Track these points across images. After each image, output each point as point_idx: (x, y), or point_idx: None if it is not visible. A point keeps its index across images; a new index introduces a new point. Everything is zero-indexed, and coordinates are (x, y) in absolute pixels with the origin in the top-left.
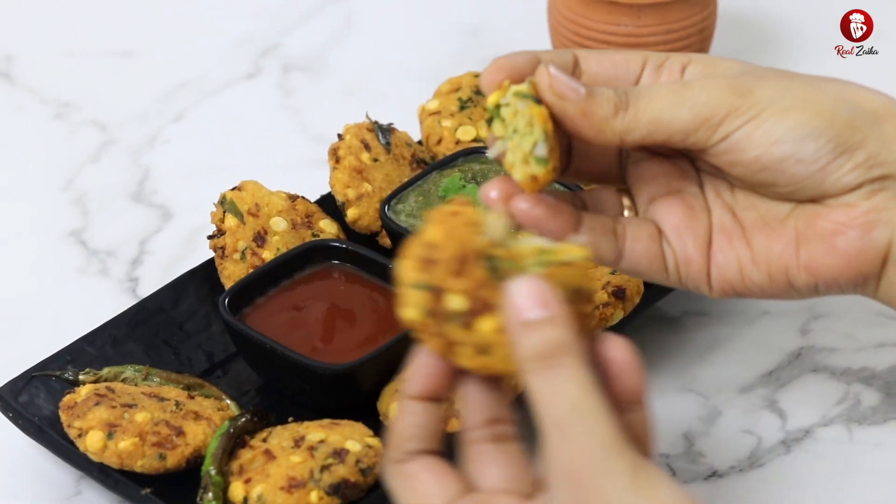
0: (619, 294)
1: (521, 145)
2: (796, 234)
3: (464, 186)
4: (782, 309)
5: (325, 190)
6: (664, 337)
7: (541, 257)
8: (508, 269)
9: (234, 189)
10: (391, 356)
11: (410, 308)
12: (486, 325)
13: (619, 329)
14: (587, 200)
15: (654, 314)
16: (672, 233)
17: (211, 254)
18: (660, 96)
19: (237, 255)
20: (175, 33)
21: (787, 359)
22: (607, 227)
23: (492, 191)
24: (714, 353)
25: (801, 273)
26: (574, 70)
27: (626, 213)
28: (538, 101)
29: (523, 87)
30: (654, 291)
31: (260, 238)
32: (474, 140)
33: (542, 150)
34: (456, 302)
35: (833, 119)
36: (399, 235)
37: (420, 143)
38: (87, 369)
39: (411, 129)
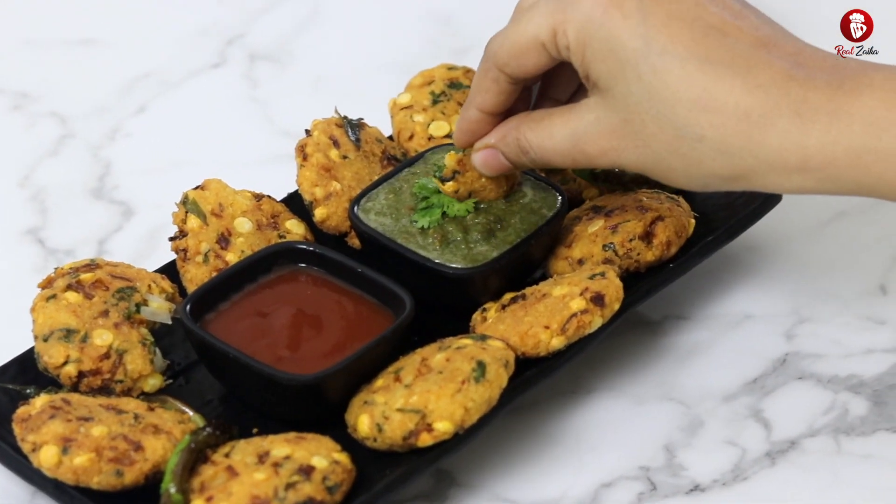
0: (597, 300)
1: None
2: None
3: (441, 179)
4: (767, 313)
5: (293, 187)
6: (643, 342)
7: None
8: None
9: (196, 188)
10: (360, 366)
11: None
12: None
13: (597, 334)
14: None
15: (632, 318)
16: None
17: (173, 255)
18: (554, 156)
19: (200, 258)
20: (137, 21)
21: (771, 365)
22: None
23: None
24: (695, 360)
25: None
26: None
27: None
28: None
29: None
30: (633, 295)
31: (224, 240)
32: (447, 136)
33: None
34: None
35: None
36: (368, 237)
37: (391, 138)
38: (50, 387)
39: (382, 123)
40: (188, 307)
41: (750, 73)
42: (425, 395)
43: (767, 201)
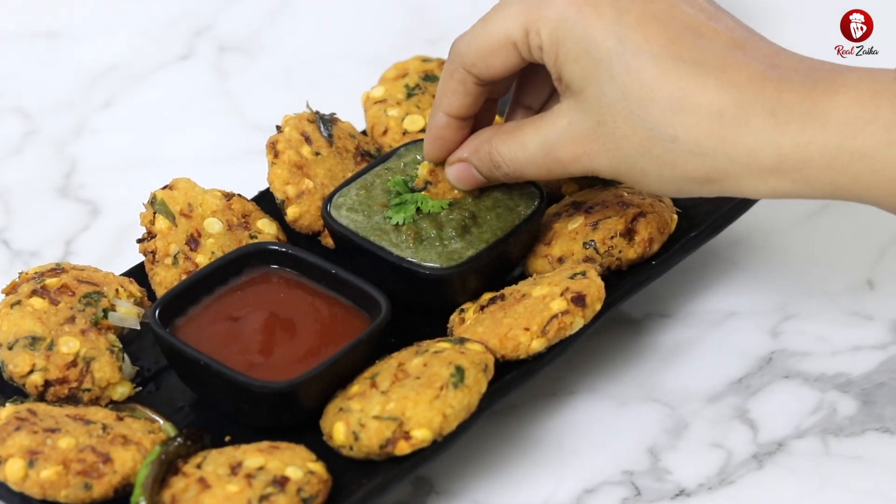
0: (578, 301)
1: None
2: None
3: (411, 189)
4: (751, 310)
5: (265, 184)
6: (626, 341)
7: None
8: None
9: (164, 188)
10: (335, 371)
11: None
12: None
13: (577, 334)
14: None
15: (615, 316)
16: None
17: (142, 255)
18: (528, 167)
19: (169, 260)
20: (102, 13)
21: (757, 364)
22: None
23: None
24: (679, 359)
25: None
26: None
27: None
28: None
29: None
30: (615, 293)
31: (193, 241)
32: (422, 130)
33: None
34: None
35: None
36: (342, 236)
37: (364, 133)
38: (15, 397)
39: (355, 115)
40: (157, 312)
41: (724, 73)
42: (402, 402)
43: None
